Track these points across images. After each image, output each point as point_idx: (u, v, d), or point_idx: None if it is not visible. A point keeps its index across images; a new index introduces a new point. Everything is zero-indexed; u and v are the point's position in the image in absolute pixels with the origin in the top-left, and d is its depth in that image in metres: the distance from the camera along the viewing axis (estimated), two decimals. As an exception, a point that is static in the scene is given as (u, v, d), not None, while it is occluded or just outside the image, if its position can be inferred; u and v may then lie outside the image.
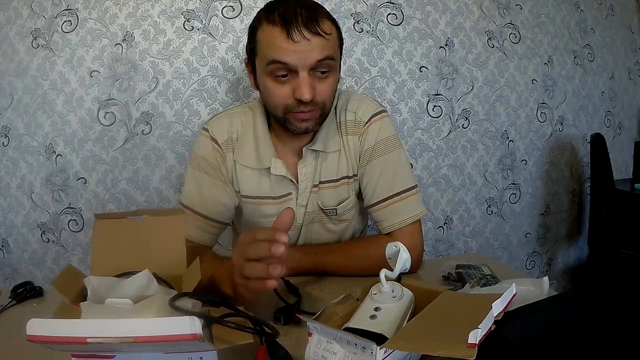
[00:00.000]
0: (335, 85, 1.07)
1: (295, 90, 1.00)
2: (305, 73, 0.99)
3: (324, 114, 1.08)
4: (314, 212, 1.20)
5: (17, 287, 1.07)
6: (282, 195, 1.17)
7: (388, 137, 1.18)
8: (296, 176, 1.16)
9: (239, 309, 0.69)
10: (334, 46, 1.03)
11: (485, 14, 2.16)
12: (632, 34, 2.52)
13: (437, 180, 2.19)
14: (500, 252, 2.37)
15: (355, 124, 1.18)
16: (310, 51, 0.97)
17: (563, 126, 2.37)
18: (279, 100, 1.03)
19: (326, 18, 1.02)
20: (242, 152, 1.16)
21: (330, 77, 1.04)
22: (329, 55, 1.00)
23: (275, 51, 0.98)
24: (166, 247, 0.78)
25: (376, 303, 0.71)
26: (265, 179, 1.16)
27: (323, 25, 0.99)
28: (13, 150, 1.87)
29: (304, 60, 0.97)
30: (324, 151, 1.15)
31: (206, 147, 1.17)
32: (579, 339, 0.65)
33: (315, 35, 0.97)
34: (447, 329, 0.61)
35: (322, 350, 0.65)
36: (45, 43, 1.81)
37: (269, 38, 0.99)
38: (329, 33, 1.00)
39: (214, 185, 1.16)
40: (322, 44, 0.98)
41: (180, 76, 1.88)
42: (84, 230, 1.94)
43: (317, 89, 1.01)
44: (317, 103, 1.03)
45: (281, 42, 0.97)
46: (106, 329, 0.52)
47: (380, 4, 2.02)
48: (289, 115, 1.04)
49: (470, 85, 2.17)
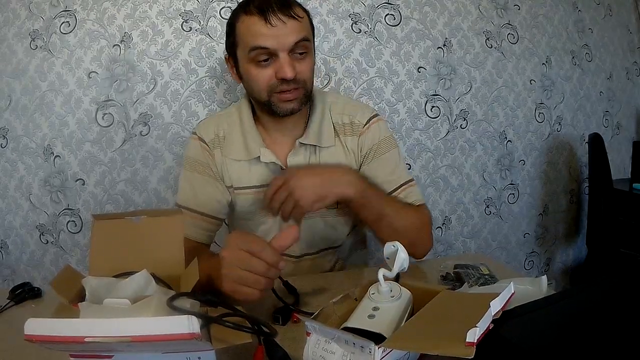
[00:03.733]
0: (312, 66, 1.14)
1: (277, 71, 1.07)
2: (285, 54, 1.06)
3: (306, 94, 1.14)
4: None
5: (15, 288, 1.07)
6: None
7: (387, 137, 1.25)
8: (286, 165, 1.19)
9: (237, 309, 0.69)
10: (308, 29, 1.11)
11: (483, 15, 2.16)
12: (630, 34, 2.52)
13: (435, 181, 2.19)
14: (498, 252, 2.37)
15: (353, 126, 1.24)
16: (288, 34, 1.05)
17: (561, 126, 2.38)
18: (262, 83, 1.10)
19: (296, 4, 1.10)
20: (230, 147, 1.22)
21: (308, 58, 1.11)
22: (304, 36, 1.08)
23: (255, 38, 1.05)
24: (164, 248, 0.78)
25: (374, 303, 0.71)
26: (255, 168, 1.20)
27: (296, 10, 1.07)
28: (11, 152, 1.87)
29: (283, 42, 1.05)
30: (318, 145, 1.19)
31: (195, 147, 1.24)
32: (577, 338, 0.65)
33: (291, 19, 1.05)
34: (445, 328, 0.61)
35: (321, 349, 0.65)
36: (44, 44, 1.81)
37: (248, 27, 1.06)
38: (302, 17, 1.08)
39: (205, 182, 1.21)
40: (297, 26, 1.06)
41: (179, 77, 1.88)
42: (82, 232, 1.94)
43: (297, 68, 1.08)
44: (299, 81, 1.10)
45: (260, 28, 1.04)
46: (104, 328, 0.52)
47: (378, 5, 2.02)
48: (273, 98, 1.11)
49: (469, 85, 2.17)
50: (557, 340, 0.64)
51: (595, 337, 0.65)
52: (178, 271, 0.76)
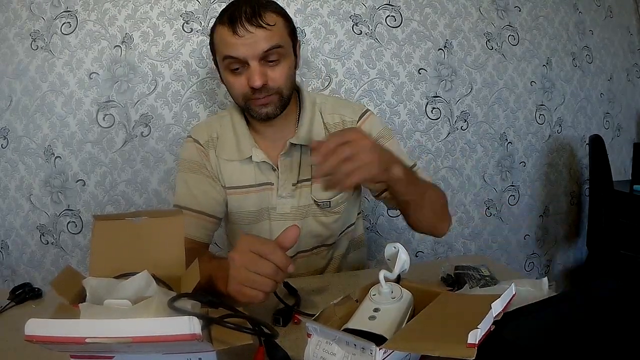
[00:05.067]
0: (288, 71, 1.13)
1: (249, 79, 1.08)
2: (255, 62, 1.07)
3: (283, 99, 1.14)
4: (308, 206, 1.24)
5: (16, 289, 1.07)
6: (263, 183, 1.23)
7: (381, 130, 1.26)
8: (277, 165, 1.21)
9: (238, 310, 0.69)
10: (280, 35, 1.10)
11: (483, 16, 2.16)
12: (631, 36, 2.52)
13: (436, 182, 2.19)
14: (499, 253, 2.37)
15: (344, 124, 1.24)
16: (256, 43, 1.06)
17: (562, 128, 2.38)
18: (237, 90, 1.12)
19: (270, 11, 1.09)
20: (223, 148, 1.23)
21: (282, 64, 1.11)
22: (274, 44, 1.07)
23: (226, 47, 1.08)
24: (165, 248, 0.78)
25: (375, 304, 0.71)
26: (247, 167, 1.22)
27: (266, 18, 1.06)
28: (12, 152, 1.87)
29: (251, 51, 1.06)
30: (308, 145, 1.19)
31: (190, 149, 1.26)
32: (578, 340, 0.65)
33: (259, 28, 1.05)
34: (447, 329, 0.61)
35: (322, 351, 0.65)
36: (45, 45, 1.82)
37: (220, 37, 1.09)
38: (272, 24, 1.07)
39: (202, 180, 1.22)
40: (266, 35, 1.06)
41: (179, 78, 1.88)
42: (82, 232, 1.94)
43: (269, 76, 1.09)
44: (272, 89, 1.11)
45: (229, 38, 1.06)
46: (105, 329, 0.52)
47: (379, 6, 2.02)
48: (249, 103, 1.13)
49: (469, 87, 2.17)
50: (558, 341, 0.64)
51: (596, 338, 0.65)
52: (179, 272, 0.76)
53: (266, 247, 0.81)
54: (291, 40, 1.15)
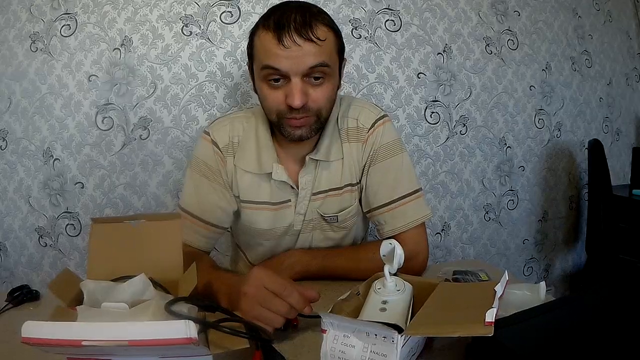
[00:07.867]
0: (331, 92, 1.04)
1: (287, 95, 0.98)
2: (298, 79, 0.97)
3: (320, 121, 1.06)
4: (314, 220, 1.19)
5: (13, 291, 1.06)
6: (281, 201, 1.16)
7: (389, 142, 1.17)
8: (297, 183, 1.15)
9: (234, 314, 0.69)
10: (329, 52, 1.01)
11: (483, 21, 2.17)
12: (630, 40, 2.53)
13: (435, 187, 2.19)
14: (497, 258, 2.36)
15: (358, 130, 1.17)
16: (302, 57, 0.96)
17: (561, 132, 2.38)
18: (272, 105, 1.02)
19: (322, 24, 1.00)
20: (243, 157, 1.15)
21: (326, 84, 1.02)
22: (322, 62, 0.98)
23: (267, 56, 0.97)
24: (163, 252, 0.78)
25: (383, 297, 0.74)
26: (265, 184, 1.15)
27: (317, 31, 0.97)
28: (10, 154, 1.87)
29: (296, 66, 0.96)
30: (326, 160, 1.14)
31: (207, 150, 1.16)
32: (575, 345, 0.65)
33: (307, 41, 0.96)
34: (459, 313, 0.65)
35: (340, 344, 0.67)
36: (44, 47, 1.82)
37: (262, 43, 0.99)
38: (323, 39, 0.98)
39: (212, 189, 1.15)
40: (314, 50, 0.96)
41: (178, 81, 1.88)
42: (81, 235, 1.93)
43: (310, 96, 1.00)
44: (311, 109, 1.01)
45: (273, 47, 0.96)
46: (101, 332, 0.52)
47: (378, 10, 2.02)
48: (283, 121, 1.03)
49: (468, 91, 2.17)
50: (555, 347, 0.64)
51: (594, 343, 0.65)
52: (176, 275, 0.76)
53: (282, 287, 0.80)
54: (338, 59, 1.06)
